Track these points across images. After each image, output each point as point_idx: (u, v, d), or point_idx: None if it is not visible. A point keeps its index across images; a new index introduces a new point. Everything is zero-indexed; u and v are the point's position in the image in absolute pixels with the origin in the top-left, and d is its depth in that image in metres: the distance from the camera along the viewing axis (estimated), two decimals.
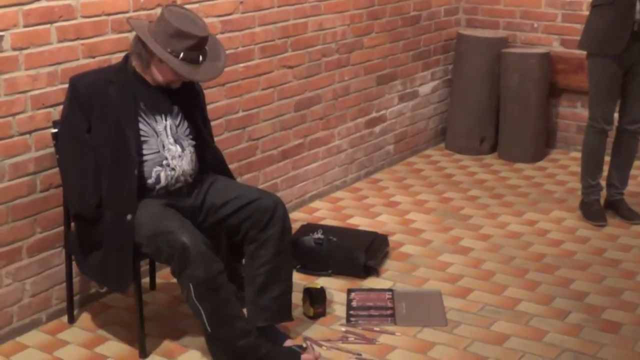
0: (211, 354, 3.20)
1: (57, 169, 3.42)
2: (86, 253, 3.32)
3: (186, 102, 3.42)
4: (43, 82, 3.42)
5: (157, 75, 3.26)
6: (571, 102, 5.89)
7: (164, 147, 3.30)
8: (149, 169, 3.27)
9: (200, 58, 3.22)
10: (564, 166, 5.68)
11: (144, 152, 3.25)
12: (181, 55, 3.16)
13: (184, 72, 3.18)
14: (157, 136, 3.30)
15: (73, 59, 3.52)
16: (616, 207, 4.76)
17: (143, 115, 3.28)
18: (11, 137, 3.35)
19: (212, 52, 3.29)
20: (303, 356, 3.20)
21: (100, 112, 3.20)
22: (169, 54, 3.15)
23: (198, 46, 3.19)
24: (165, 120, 3.33)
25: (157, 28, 3.18)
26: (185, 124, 3.41)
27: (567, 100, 5.91)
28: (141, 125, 3.26)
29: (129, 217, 3.17)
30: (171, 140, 3.33)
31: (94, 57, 3.59)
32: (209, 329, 3.11)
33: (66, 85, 3.47)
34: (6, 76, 3.29)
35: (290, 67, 4.67)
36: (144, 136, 3.26)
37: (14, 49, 3.30)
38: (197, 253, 3.05)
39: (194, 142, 3.43)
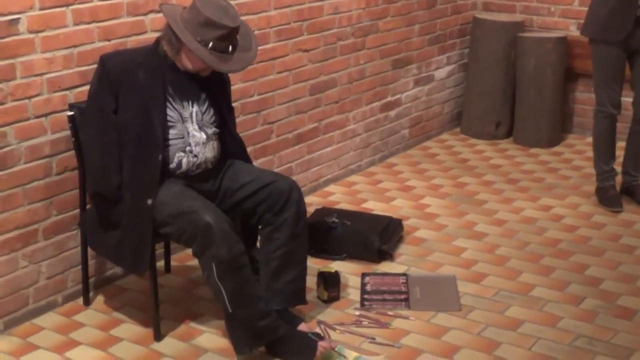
0: (229, 334, 3.21)
1: (73, 152, 3.44)
2: (103, 233, 3.33)
3: (213, 89, 3.41)
4: (59, 65, 3.43)
5: (186, 63, 3.24)
6: (588, 87, 5.84)
7: (188, 133, 3.30)
8: (172, 154, 3.27)
9: (230, 48, 3.19)
10: (580, 151, 5.65)
11: (169, 137, 3.26)
12: (210, 44, 3.13)
13: (212, 62, 3.15)
14: (183, 122, 3.29)
15: (89, 42, 3.52)
16: (632, 193, 4.74)
17: (171, 100, 3.27)
18: (27, 119, 3.36)
19: (243, 42, 3.25)
20: (320, 343, 3.20)
21: (128, 93, 3.20)
22: (198, 43, 3.12)
23: (228, 36, 3.15)
24: (192, 106, 3.33)
25: (189, 15, 3.15)
26: (211, 111, 3.40)
27: (583, 85, 5.88)
28: (169, 111, 3.25)
29: (149, 201, 3.17)
30: (196, 127, 3.32)
31: (109, 40, 3.60)
32: (229, 308, 3.12)
33: (82, 69, 3.50)
34: (22, 59, 3.29)
35: (306, 51, 4.66)
36: (170, 121, 3.26)
37: (30, 32, 3.30)
38: (221, 232, 3.06)
39: (217, 130, 3.42)
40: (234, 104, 4.14)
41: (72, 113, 3.37)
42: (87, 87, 3.42)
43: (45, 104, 3.41)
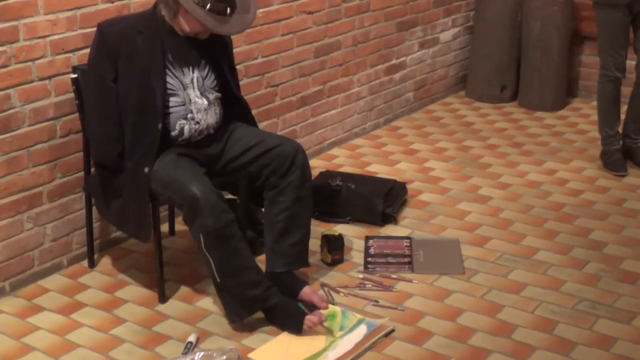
0: (221, 302, 3.22)
1: (77, 115, 3.43)
2: (107, 199, 3.34)
3: (214, 52, 3.37)
4: (62, 27, 3.41)
5: (184, 26, 3.20)
6: (594, 50, 5.78)
7: (190, 100, 3.27)
8: (174, 121, 3.25)
9: (228, 10, 3.14)
10: (585, 115, 5.63)
11: (170, 104, 3.23)
12: (208, 6, 3.09)
13: (210, 24, 3.11)
14: (184, 89, 3.27)
15: (92, 4, 3.50)
16: (632, 155, 4.74)
17: (171, 67, 3.24)
18: (31, 82, 3.36)
19: (242, 4, 3.20)
20: (307, 317, 3.14)
21: (127, 62, 3.17)
22: (195, 5, 3.08)
23: None
24: (193, 72, 3.30)
25: None
26: (212, 75, 3.37)
27: (589, 48, 5.84)
28: (169, 79, 3.22)
29: (146, 169, 3.17)
30: (197, 93, 3.30)
31: (112, 2, 3.57)
32: (217, 278, 3.12)
33: (85, 31, 3.48)
34: (26, 21, 3.28)
35: (310, 13, 4.63)
36: (170, 89, 3.23)
37: None
38: (207, 203, 3.04)
39: (219, 95, 3.40)
40: (237, 67, 4.12)
41: (75, 75, 3.36)
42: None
43: (48, 66, 3.40)
